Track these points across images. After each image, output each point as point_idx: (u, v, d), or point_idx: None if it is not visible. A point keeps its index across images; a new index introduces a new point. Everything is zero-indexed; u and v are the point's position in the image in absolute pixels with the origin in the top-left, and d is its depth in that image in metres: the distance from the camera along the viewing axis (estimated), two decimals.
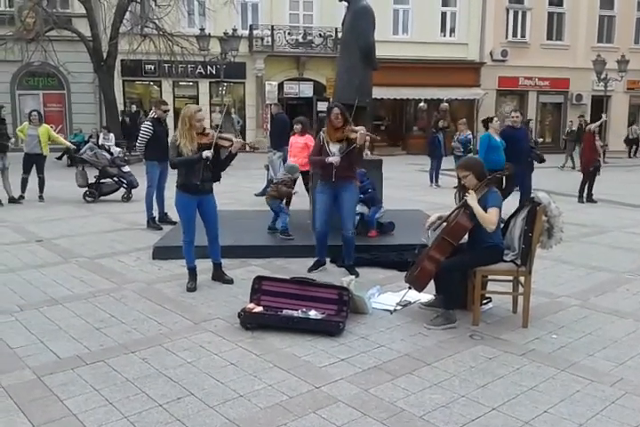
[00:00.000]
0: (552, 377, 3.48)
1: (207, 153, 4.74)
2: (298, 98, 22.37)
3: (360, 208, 6.37)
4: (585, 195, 10.75)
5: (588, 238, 7.49)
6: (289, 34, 21.38)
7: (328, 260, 5.75)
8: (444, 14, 23.56)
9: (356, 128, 5.31)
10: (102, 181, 10.10)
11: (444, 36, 23.78)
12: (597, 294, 5.11)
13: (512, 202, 7.33)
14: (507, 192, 8.14)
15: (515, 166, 7.79)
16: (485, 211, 4.18)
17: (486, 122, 8.86)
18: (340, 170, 5.22)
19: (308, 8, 22.23)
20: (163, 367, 3.53)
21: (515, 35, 24.17)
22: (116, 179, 10.08)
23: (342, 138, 5.30)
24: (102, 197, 10.06)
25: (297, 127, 8.22)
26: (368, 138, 5.37)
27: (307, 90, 22.37)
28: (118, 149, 11.96)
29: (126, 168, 10.06)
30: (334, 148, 5.32)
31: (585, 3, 24.61)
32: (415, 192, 11.76)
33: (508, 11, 23.98)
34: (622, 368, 3.62)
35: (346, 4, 7.10)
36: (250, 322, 4.13)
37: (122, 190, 10.10)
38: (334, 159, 5.21)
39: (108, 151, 10.78)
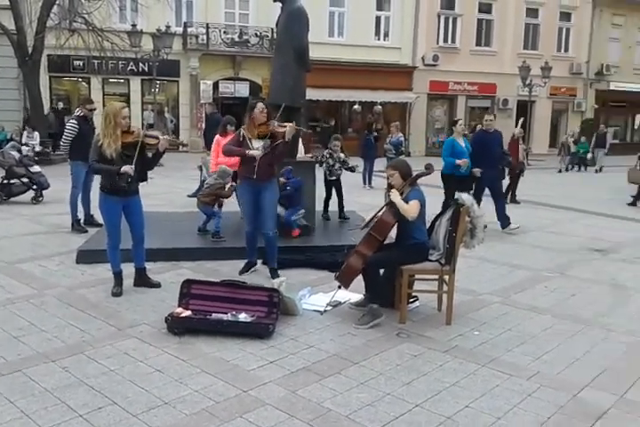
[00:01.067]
0: (473, 373, 3.61)
1: (127, 168, 4.57)
2: (233, 97, 22.14)
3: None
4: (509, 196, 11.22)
5: (510, 238, 7.83)
6: (224, 32, 21.15)
7: (260, 261, 5.72)
8: (378, 18, 23.95)
9: (285, 124, 5.26)
10: (12, 181, 9.56)
11: (379, 39, 24.15)
12: (517, 292, 5.34)
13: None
14: (476, 199, 8.22)
15: (486, 172, 7.86)
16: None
17: (451, 125, 8.74)
18: (261, 167, 5.12)
19: (244, 7, 22.06)
20: (84, 376, 3.41)
21: (446, 40, 24.88)
22: (24, 179, 9.53)
23: (266, 133, 5.20)
24: (15, 199, 9.53)
25: (230, 127, 8.12)
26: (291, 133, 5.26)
27: (242, 90, 22.18)
28: (27, 148, 11.32)
29: (36, 168, 9.50)
30: (257, 144, 5.21)
31: (512, 10, 25.66)
32: (349, 193, 11.73)
33: (439, 16, 24.66)
34: (538, 363, 3.80)
35: (280, 4, 7.10)
36: (177, 327, 4.05)
37: (32, 192, 9.57)
38: (256, 153, 5.11)
39: (19, 151, 10.18)
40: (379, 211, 4.61)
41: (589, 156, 20.81)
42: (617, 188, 13.91)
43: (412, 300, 4.83)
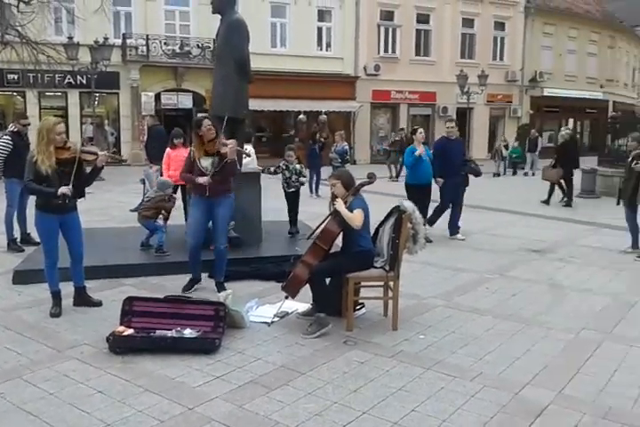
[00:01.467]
0: (419, 376, 3.67)
1: (64, 190, 4.44)
2: (176, 109, 21.87)
3: None
4: None
5: (453, 242, 8.03)
6: (165, 44, 20.89)
7: (205, 275, 5.65)
8: (320, 29, 24.20)
9: (227, 142, 5.24)
10: None
11: (321, 50, 24.41)
12: (460, 294, 5.48)
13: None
14: (439, 209, 8.09)
15: (449, 180, 7.84)
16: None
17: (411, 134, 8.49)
18: (213, 184, 5.11)
19: (185, 18, 21.88)
20: (21, 402, 3.28)
21: (386, 50, 25.36)
22: None
23: (214, 151, 5.18)
24: None
25: (178, 141, 7.96)
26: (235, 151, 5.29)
27: (186, 101, 21.93)
28: None
29: None
30: (206, 162, 5.17)
31: (449, 21, 26.45)
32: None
33: (379, 27, 25.14)
34: (481, 363, 3.90)
35: (220, 16, 7.08)
36: (120, 346, 3.95)
37: None
38: (204, 180, 5.06)
39: None
40: (324, 220, 4.66)
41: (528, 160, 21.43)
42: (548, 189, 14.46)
43: (358, 307, 4.88)
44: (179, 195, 7.41)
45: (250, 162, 9.91)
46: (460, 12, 26.81)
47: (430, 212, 7.93)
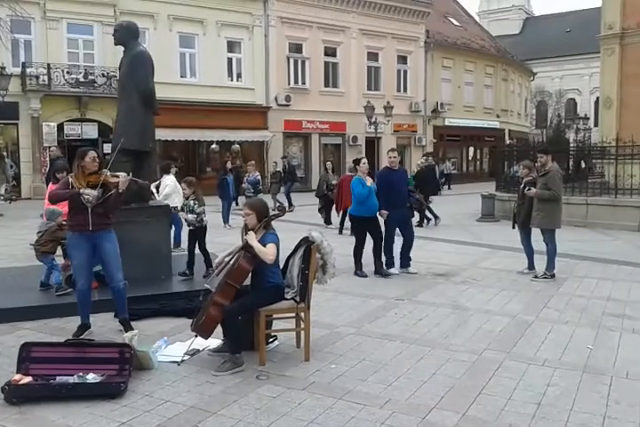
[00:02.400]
0: (330, 407, 3.70)
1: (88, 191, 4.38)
2: (81, 140, 21.11)
3: None
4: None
5: (364, 269, 8.18)
6: (68, 72, 20.26)
7: (111, 315, 5.41)
8: (230, 60, 24.44)
9: (118, 173, 5.03)
10: None
11: (232, 80, 24.61)
12: (371, 321, 5.61)
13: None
14: (389, 245, 7.82)
15: (395, 212, 7.65)
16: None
17: (355, 164, 8.17)
18: (96, 217, 4.82)
19: (89, 47, 21.38)
20: None
21: (296, 81, 25.96)
22: None
23: (97, 183, 4.86)
24: None
25: (61, 175, 7.42)
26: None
27: (90, 131, 21.26)
28: None
29: None
30: (88, 191, 4.83)
31: (354, 54, 27.54)
32: (209, 234, 11.74)
33: (289, 59, 25.74)
34: (390, 389, 3.99)
35: (123, 48, 7.00)
36: (17, 396, 3.71)
37: None
38: (91, 192, 4.76)
39: None
40: (232, 256, 4.62)
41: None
42: (452, 214, 15.22)
43: (271, 340, 4.87)
44: None
45: (172, 195, 9.72)
46: (365, 46, 28.02)
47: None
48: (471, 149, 35.05)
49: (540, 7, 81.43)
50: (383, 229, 7.83)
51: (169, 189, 9.55)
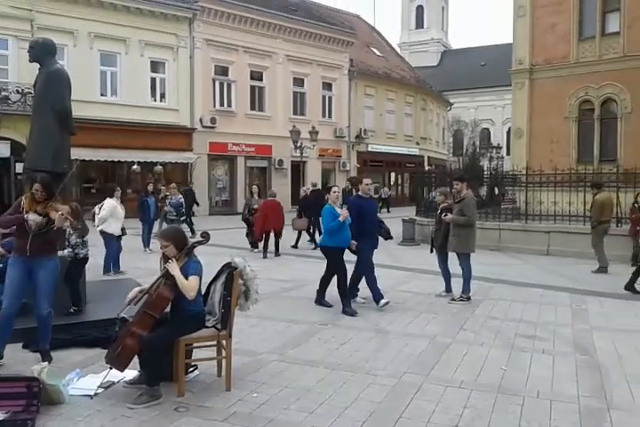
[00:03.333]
0: None
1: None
2: None
3: None
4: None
5: (287, 293, 8.21)
6: None
7: (19, 345, 5.10)
8: (153, 80, 23.99)
9: (59, 207, 4.96)
10: None
11: (155, 100, 24.14)
12: (294, 347, 5.58)
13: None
14: (357, 275, 7.48)
15: (367, 242, 7.30)
16: (186, 279, 4.29)
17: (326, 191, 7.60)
18: (35, 243, 4.79)
19: (3, 62, 20.34)
20: None
21: (222, 104, 25.85)
22: None
23: (43, 213, 4.88)
24: None
25: None
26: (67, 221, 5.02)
27: (2, 149, 20.10)
28: None
29: None
30: (32, 220, 4.83)
31: (280, 79, 27.86)
32: (129, 257, 11.36)
33: (214, 81, 25.65)
34: (312, 417, 3.97)
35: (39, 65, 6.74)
36: None
37: None
38: (36, 218, 4.77)
39: None
40: (152, 284, 4.49)
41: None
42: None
43: (191, 369, 4.73)
44: None
45: (108, 219, 9.39)
46: (291, 71, 28.43)
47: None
48: (393, 175, 36.09)
49: (457, 41, 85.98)
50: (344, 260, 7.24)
51: (104, 213, 9.41)
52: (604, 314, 7.20)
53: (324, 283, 7.49)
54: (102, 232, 9.57)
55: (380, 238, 7.97)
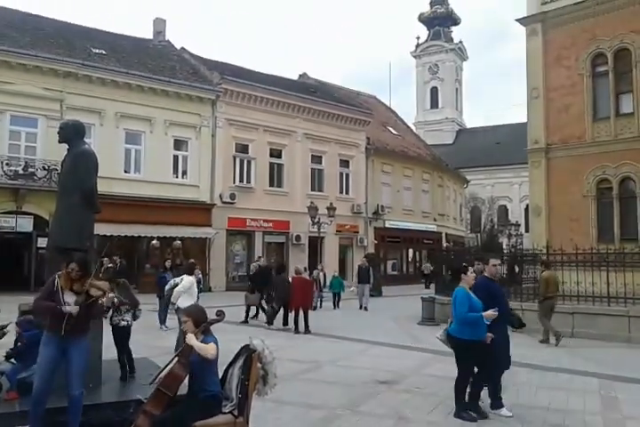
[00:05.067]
0: None
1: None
2: (15, 232, 20.37)
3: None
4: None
5: (305, 375, 7.92)
6: (7, 164, 19.92)
7: None
8: (176, 157, 24.75)
9: (101, 285, 5.01)
10: None
11: (177, 177, 24.77)
12: None
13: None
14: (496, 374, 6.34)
15: (496, 334, 6.06)
16: None
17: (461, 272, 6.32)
18: (71, 323, 4.73)
19: (31, 139, 21.11)
20: None
21: (242, 180, 26.45)
22: None
23: (80, 291, 4.88)
24: None
25: None
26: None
27: (25, 224, 20.52)
28: None
29: None
30: (70, 298, 4.83)
31: (299, 157, 28.62)
32: (144, 335, 11.17)
33: (235, 158, 26.41)
34: None
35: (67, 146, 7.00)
36: None
37: None
38: (73, 309, 4.73)
39: None
40: (169, 363, 4.40)
41: (353, 289, 19.83)
42: (394, 316, 15.21)
43: None
44: None
45: (183, 295, 9.53)
46: (310, 149, 29.24)
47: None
48: (410, 251, 35.92)
49: (471, 120, 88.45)
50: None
51: (180, 289, 9.48)
52: (636, 402, 6.80)
53: (462, 388, 6.09)
54: (177, 309, 9.55)
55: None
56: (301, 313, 12.33)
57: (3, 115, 20.43)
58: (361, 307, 17.89)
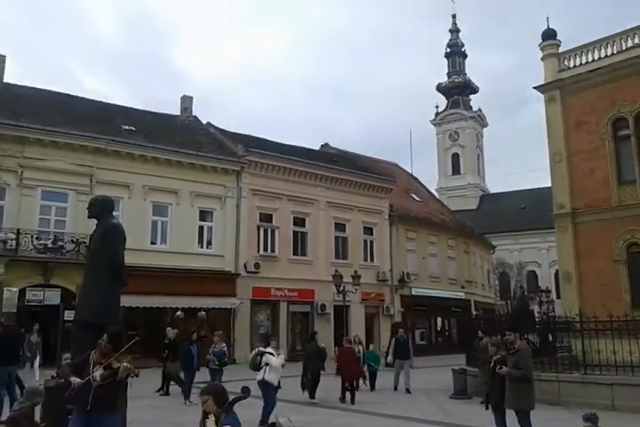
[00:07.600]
0: None
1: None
2: (42, 305, 20.45)
3: None
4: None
5: None
6: (37, 238, 20.32)
7: None
8: (201, 228, 25.09)
9: (123, 359, 5.03)
10: None
11: (202, 247, 24.96)
12: None
13: None
14: None
15: None
16: None
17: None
18: (97, 398, 4.75)
19: (61, 213, 21.60)
20: None
21: (266, 249, 26.52)
22: None
23: (108, 365, 4.96)
24: None
25: None
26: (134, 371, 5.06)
27: (53, 297, 20.60)
28: None
29: None
30: (97, 371, 4.92)
31: (323, 225, 28.76)
32: (169, 412, 10.88)
33: (259, 228, 26.63)
34: None
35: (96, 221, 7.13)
36: None
37: None
38: (76, 380, 4.83)
39: None
40: None
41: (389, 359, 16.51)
42: (425, 389, 14.54)
43: None
44: None
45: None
46: (333, 217, 29.40)
47: None
48: (439, 320, 34.95)
49: (494, 185, 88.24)
50: None
51: (276, 365, 9.56)
52: None
53: None
54: (266, 382, 9.41)
55: None
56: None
57: (34, 190, 21.07)
58: (396, 388, 15.06)
